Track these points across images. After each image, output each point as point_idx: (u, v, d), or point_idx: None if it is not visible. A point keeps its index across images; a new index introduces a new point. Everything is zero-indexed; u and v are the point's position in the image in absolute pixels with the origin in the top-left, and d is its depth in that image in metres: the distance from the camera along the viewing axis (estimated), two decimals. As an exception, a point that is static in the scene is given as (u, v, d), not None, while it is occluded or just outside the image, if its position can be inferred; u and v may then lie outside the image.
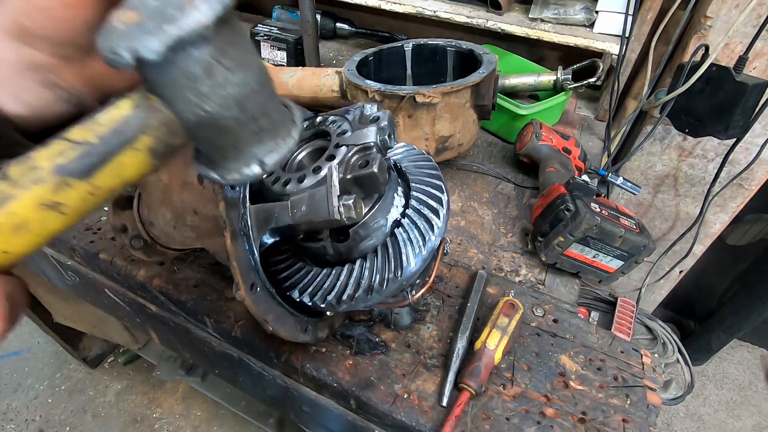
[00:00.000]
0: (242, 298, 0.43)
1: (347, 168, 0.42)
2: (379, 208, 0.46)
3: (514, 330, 0.58)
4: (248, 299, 0.43)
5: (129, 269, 0.71)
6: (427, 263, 0.46)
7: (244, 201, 0.45)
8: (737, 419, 1.72)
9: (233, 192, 0.44)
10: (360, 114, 0.47)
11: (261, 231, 0.45)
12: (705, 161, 1.16)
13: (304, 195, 0.42)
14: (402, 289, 0.47)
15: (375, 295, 0.44)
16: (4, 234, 0.28)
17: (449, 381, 0.56)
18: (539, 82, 1.05)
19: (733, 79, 0.80)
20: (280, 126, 0.33)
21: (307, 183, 0.43)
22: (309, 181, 0.43)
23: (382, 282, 0.44)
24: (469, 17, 1.12)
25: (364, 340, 0.62)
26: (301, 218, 0.42)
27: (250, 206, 0.45)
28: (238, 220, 0.44)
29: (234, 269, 0.42)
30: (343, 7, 1.31)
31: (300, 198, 0.42)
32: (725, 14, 0.93)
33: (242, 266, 0.43)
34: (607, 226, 0.66)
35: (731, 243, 1.61)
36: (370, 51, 0.95)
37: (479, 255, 0.77)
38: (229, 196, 0.43)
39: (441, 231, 0.47)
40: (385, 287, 0.44)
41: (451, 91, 0.77)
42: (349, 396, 0.57)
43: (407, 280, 0.45)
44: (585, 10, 1.07)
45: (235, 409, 1.35)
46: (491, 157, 1.01)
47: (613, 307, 0.80)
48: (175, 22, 0.24)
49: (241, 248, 0.43)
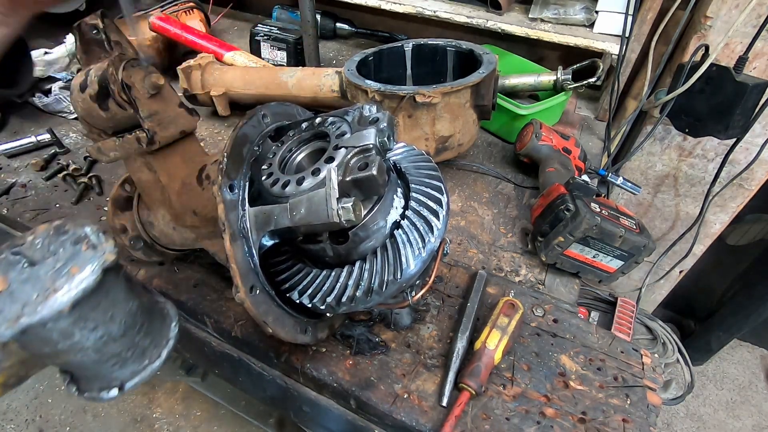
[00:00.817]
0: (242, 300, 0.43)
1: (346, 170, 0.42)
2: (378, 210, 0.46)
3: (514, 330, 0.58)
4: (248, 301, 0.43)
5: (129, 269, 0.71)
6: (426, 265, 0.46)
7: (243, 203, 0.45)
8: (737, 419, 1.72)
9: (232, 194, 0.44)
10: (359, 115, 0.47)
11: (260, 233, 0.45)
12: (705, 161, 1.16)
13: (303, 197, 0.42)
14: (401, 290, 0.47)
15: (374, 297, 0.44)
16: None
17: (449, 381, 0.56)
18: (539, 82, 1.05)
19: (733, 79, 0.80)
20: (150, 348, 0.36)
21: (306, 185, 0.43)
22: (308, 183, 0.43)
23: (381, 284, 0.44)
24: (469, 17, 1.12)
25: (364, 340, 0.62)
26: (300, 221, 0.41)
27: (249, 208, 0.45)
28: (237, 222, 0.44)
29: (233, 271, 0.43)
30: (343, 7, 1.31)
31: (299, 200, 0.42)
32: (725, 14, 0.93)
33: (241, 268, 0.43)
34: (607, 226, 0.66)
35: (731, 243, 1.61)
36: (370, 51, 0.95)
37: (479, 255, 0.77)
38: (228, 198, 0.43)
39: (440, 233, 0.46)
40: (384, 289, 0.44)
41: (451, 91, 0.77)
42: (349, 396, 0.57)
43: (407, 281, 0.44)
44: (585, 10, 1.07)
45: (235, 409, 1.34)
46: (491, 157, 1.01)
47: (613, 307, 0.80)
48: (31, 312, 0.27)
49: (240, 250, 0.43)
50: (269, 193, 0.45)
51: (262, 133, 0.50)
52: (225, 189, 0.43)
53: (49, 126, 0.98)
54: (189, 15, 1.28)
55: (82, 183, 0.85)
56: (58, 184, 0.87)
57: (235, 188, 0.45)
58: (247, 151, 0.47)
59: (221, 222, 0.42)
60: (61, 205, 0.82)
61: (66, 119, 1.05)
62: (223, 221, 0.42)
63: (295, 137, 0.50)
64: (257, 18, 1.59)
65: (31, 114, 1.06)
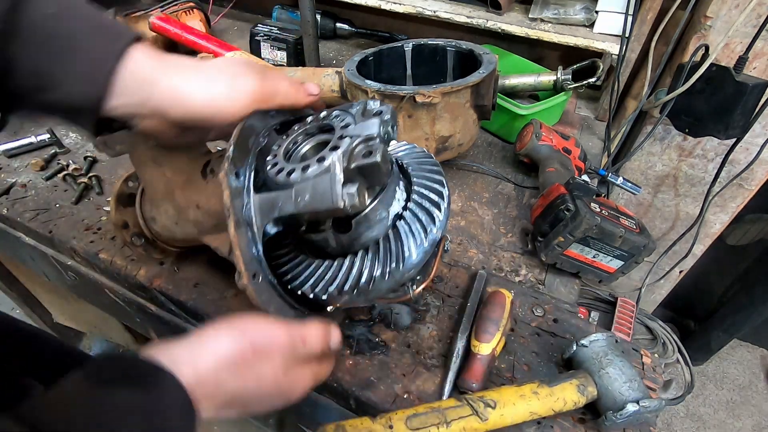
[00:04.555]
0: (244, 286, 0.43)
1: (351, 158, 0.42)
2: (381, 200, 0.46)
3: (506, 324, 0.58)
4: (250, 287, 0.43)
5: (129, 269, 0.71)
6: (428, 256, 0.46)
7: (248, 191, 0.45)
8: (737, 419, 1.73)
9: (238, 181, 0.44)
10: (363, 108, 0.47)
11: (264, 220, 0.45)
12: (705, 161, 1.16)
13: (308, 183, 0.42)
14: (403, 282, 0.47)
15: (377, 286, 0.44)
16: None
17: (449, 381, 0.56)
18: (539, 82, 1.05)
19: (733, 79, 0.79)
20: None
21: (311, 172, 0.43)
22: (313, 170, 0.43)
23: (383, 273, 0.44)
24: (469, 17, 1.12)
25: (364, 340, 0.62)
26: (304, 207, 0.42)
27: (254, 196, 0.45)
28: (241, 209, 0.44)
29: (237, 258, 0.43)
30: (343, 7, 1.31)
31: (304, 186, 0.42)
32: (725, 14, 0.93)
33: (245, 255, 0.43)
34: (607, 226, 0.66)
35: (731, 243, 1.61)
36: (370, 51, 0.95)
37: (479, 255, 0.77)
38: (234, 185, 0.43)
39: (442, 224, 0.47)
40: (386, 278, 0.44)
41: (451, 91, 0.77)
42: (349, 396, 0.57)
43: (408, 271, 0.45)
44: (585, 10, 1.07)
45: (235, 409, 1.34)
46: (491, 157, 1.01)
47: (613, 307, 0.80)
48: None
49: (244, 237, 0.44)
50: (274, 182, 0.46)
51: (268, 126, 0.50)
52: (231, 176, 0.43)
53: (49, 126, 0.98)
54: (189, 15, 1.28)
55: (82, 183, 0.85)
56: (58, 184, 0.87)
57: (241, 176, 0.45)
58: (253, 142, 0.48)
59: (226, 208, 0.42)
60: (61, 205, 0.82)
61: (66, 119, 1.05)
62: (228, 207, 0.42)
63: (301, 130, 0.50)
64: (257, 18, 1.59)
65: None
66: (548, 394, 0.51)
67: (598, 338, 0.55)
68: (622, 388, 0.50)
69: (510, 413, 0.50)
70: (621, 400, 0.50)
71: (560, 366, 0.60)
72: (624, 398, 0.50)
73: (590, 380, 0.52)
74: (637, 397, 0.49)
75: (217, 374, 0.36)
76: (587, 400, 0.52)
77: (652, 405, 0.49)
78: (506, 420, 0.50)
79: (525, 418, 0.51)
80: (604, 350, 0.54)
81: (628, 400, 0.49)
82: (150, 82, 0.41)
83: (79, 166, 0.90)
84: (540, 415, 0.51)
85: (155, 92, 0.41)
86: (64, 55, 0.38)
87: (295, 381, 0.43)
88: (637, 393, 0.50)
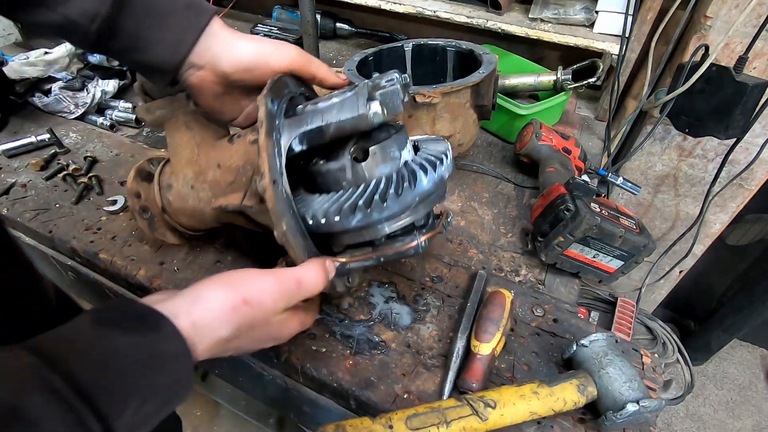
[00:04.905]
0: (264, 188, 0.44)
1: (374, 88, 0.47)
2: (394, 139, 0.49)
3: (506, 324, 0.58)
4: (270, 189, 0.44)
5: (129, 269, 0.71)
6: (438, 190, 0.49)
7: (279, 114, 0.49)
8: (737, 419, 1.72)
9: (272, 105, 0.48)
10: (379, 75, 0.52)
11: (291, 134, 0.48)
12: (705, 161, 1.16)
13: (335, 102, 0.48)
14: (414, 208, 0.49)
15: (390, 205, 0.45)
16: None
17: (449, 381, 0.56)
18: (539, 82, 1.05)
19: (733, 79, 0.79)
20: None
21: (337, 98, 0.48)
22: (339, 97, 0.48)
23: (396, 191, 0.46)
24: (469, 17, 1.12)
25: (364, 340, 0.62)
26: (331, 119, 0.47)
27: (284, 119, 0.49)
28: (274, 123, 0.47)
29: (262, 159, 0.44)
30: (343, 7, 1.31)
31: (331, 104, 0.48)
32: (725, 14, 0.93)
33: (271, 160, 0.45)
34: (607, 226, 0.66)
35: (731, 243, 1.61)
36: (370, 51, 0.95)
37: (479, 255, 0.77)
38: (269, 107, 0.47)
39: (449, 166, 0.50)
40: (399, 196, 0.45)
41: (451, 91, 0.77)
42: (349, 396, 0.58)
43: (420, 195, 0.46)
44: (585, 10, 1.07)
45: (235, 409, 1.35)
46: (491, 157, 1.01)
47: (613, 307, 0.80)
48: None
49: (272, 145, 0.46)
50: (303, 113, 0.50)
51: (299, 92, 0.56)
52: (268, 99, 0.47)
53: (49, 126, 0.98)
54: (189, 15, 1.28)
55: (82, 183, 0.85)
56: (58, 184, 0.87)
57: (275, 105, 0.49)
58: (287, 92, 0.53)
59: (260, 121, 0.45)
60: (61, 205, 0.82)
61: (66, 119, 1.05)
62: (261, 120, 0.45)
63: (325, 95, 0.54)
64: (257, 18, 1.59)
65: (31, 114, 1.06)
66: (548, 394, 0.51)
67: (598, 338, 0.55)
68: (622, 388, 0.50)
69: (510, 413, 0.50)
70: (621, 400, 0.50)
71: (560, 366, 0.60)
72: (624, 398, 0.50)
73: (590, 380, 0.52)
74: (637, 397, 0.49)
75: (212, 323, 0.39)
76: (587, 400, 0.52)
77: (652, 405, 0.49)
78: (506, 420, 0.50)
79: (525, 418, 0.51)
80: (604, 350, 0.54)
81: (628, 400, 0.49)
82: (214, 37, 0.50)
83: (79, 166, 0.90)
84: (540, 415, 0.51)
85: (213, 44, 0.50)
86: (157, 25, 0.47)
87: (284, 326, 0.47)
88: (637, 393, 0.50)
